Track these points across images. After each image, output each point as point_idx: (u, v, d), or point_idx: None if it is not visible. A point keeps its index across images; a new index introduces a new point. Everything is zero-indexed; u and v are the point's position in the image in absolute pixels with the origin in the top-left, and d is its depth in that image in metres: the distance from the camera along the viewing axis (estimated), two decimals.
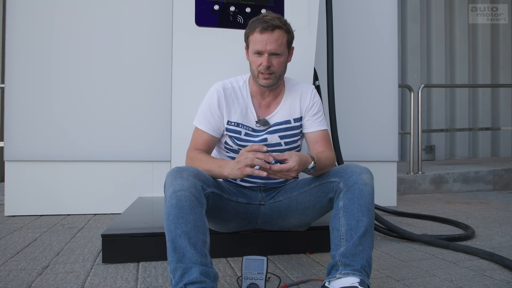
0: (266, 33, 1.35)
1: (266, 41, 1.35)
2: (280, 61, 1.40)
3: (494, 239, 1.96)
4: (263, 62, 1.37)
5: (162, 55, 2.46)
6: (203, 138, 1.46)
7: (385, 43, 2.85)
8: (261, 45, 1.36)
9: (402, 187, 3.43)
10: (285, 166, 1.21)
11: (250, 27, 1.40)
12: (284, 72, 1.46)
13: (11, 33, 2.42)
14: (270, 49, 1.36)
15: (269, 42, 1.35)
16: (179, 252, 1.08)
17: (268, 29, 1.34)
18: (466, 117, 5.56)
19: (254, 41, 1.38)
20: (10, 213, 2.45)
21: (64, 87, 2.46)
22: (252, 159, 1.20)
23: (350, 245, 1.17)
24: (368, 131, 2.83)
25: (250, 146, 1.25)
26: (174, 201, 1.13)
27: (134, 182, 2.53)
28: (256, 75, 1.41)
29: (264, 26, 1.34)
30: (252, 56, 1.41)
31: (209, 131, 1.46)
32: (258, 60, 1.38)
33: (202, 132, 1.46)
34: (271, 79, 1.40)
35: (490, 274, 1.45)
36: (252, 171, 1.21)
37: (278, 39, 1.36)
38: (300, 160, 1.24)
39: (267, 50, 1.36)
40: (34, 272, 1.46)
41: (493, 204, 2.97)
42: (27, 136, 2.43)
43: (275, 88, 1.48)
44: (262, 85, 1.42)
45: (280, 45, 1.37)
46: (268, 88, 1.45)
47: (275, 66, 1.39)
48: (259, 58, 1.38)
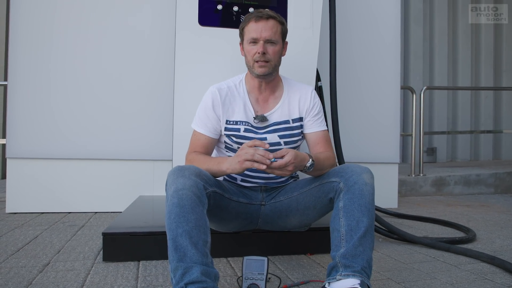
0: (261, 21, 1.39)
1: (261, 28, 1.39)
2: (276, 49, 1.42)
3: (495, 242, 1.96)
4: (258, 49, 1.39)
5: (164, 54, 2.46)
6: (201, 140, 1.47)
7: (387, 44, 2.85)
8: (256, 32, 1.39)
9: (403, 189, 3.42)
10: (282, 161, 1.22)
11: (244, 20, 1.45)
12: (279, 64, 1.48)
13: (14, 32, 2.42)
14: (265, 36, 1.39)
15: (264, 30, 1.39)
16: (180, 251, 1.08)
17: (263, 17, 1.39)
18: (468, 119, 5.55)
19: (249, 30, 1.42)
20: (11, 210, 2.45)
21: (66, 85, 2.46)
22: (252, 154, 1.21)
23: (350, 246, 1.17)
24: (370, 132, 2.83)
25: (253, 141, 1.26)
26: (175, 200, 1.13)
27: (135, 180, 2.53)
28: (252, 65, 1.43)
29: (259, 15, 1.40)
30: (247, 46, 1.43)
31: (206, 133, 1.47)
32: (253, 49, 1.41)
33: (199, 134, 1.47)
34: (266, 67, 1.41)
35: (491, 277, 1.44)
36: (252, 164, 1.22)
37: (273, 27, 1.40)
38: (296, 155, 1.25)
39: (262, 37, 1.39)
40: (34, 270, 1.46)
41: (495, 207, 2.96)
42: (29, 134, 2.43)
43: (271, 80, 1.48)
44: (258, 75, 1.43)
45: (275, 33, 1.41)
46: (264, 78, 1.45)
47: (271, 54, 1.41)
48: (255, 47, 1.41)
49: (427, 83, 5.28)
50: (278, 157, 1.24)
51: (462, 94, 5.53)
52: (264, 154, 1.21)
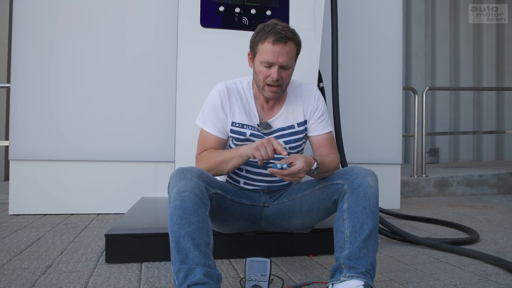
0: (278, 45, 1.30)
1: (278, 53, 1.30)
2: (288, 73, 1.37)
3: (498, 243, 1.95)
4: (272, 74, 1.33)
5: (166, 56, 2.46)
6: (211, 141, 1.44)
7: (389, 44, 2.85)
8: (272, 56, 1.31)
9: (405, 190, 3.41)
10: (295, 168, 1.21)
11: (260, 36, 1.33)
12: (289, 83, 1.44)
13: (17, 35, 2.43)
14: (282, 62, 1.32)
15: (281, 55, 1.31)
16: (182, 253, 1.07)
17: (282, 41, 1.30)
18: (470, 120, 5.54)
19: (264, 51, 1.32)
20: (14, 212, 2.46)
21: (69, 87, 2.47)
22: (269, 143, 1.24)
23: (354, 248, 1.17)
24: (372, 133, 2.83)
25: (273, 140, 1.26)
26: (178, 202, 1.13)
27: (137, 182, 2.54)
28: (262, 87, 1.38)
29: (278, 38, 1.29)
30: (259, 66, 1.36)
31: (217, 134, 1.44)
32: (266, 72, 1.34)
33: (209, 135, 1.44)
34: (277, 92, 1.38)
35: (495, 278, 1.44)
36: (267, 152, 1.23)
37: (290, 51, 1.33)
38: (305, 161, 1.24)
39: (278, 62, 1.32)
40: (37, 271, 1.46)
41: (498, 208, 2.95)
42: (31, 136, 2.44)
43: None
44: (267, 97, 1.41)
45: (291, 58, 1.34)
46: (273, 99, 1.44)
47: (283, 79, 1.36)
48: (268, 70, 1.34)
49: (429, 83, 5.27)
50: (287, 163, 1.23)
51: (464, 94, 5.52)
52: (280, 148, 1.23)
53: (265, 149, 1.23)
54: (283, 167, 1.21)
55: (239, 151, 1.33)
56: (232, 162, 1.36)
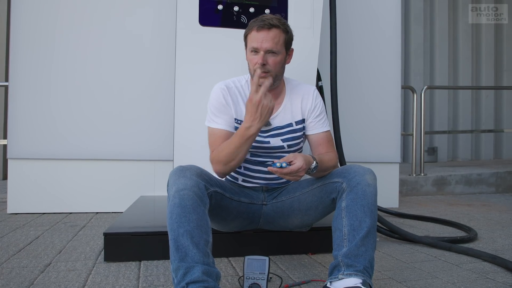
0: (262, 31, 1.35)
1: (262, 38, 1.35)
2: (276, 60, 1.38)
3: (496, 241, 1.95)
4: (258, 59, 1.36)
5: (165, 54, 2.46)
6: (222, 136, 1.41)
7: (388, 43, 2.85)
8: (257, 42, 1.36)
9: (404, 189, 3.42)
10: (294, 167, 1.21)
11: (248, 27, 1.41)
12: (282, 73, 1.45)
13: (15, 33, 2.42)
14: (266, 47, 1.35)
15: (265, 40, 1.35)
16: (181, 251, 1.08)
17: (265, 27, 1.35)
18: (469, 119, 5.54)
19: (251, 39, 1.38)
20: (12, 210, 2.45)
21: (67, 85, 2.47)
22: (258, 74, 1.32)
23: (352, 246, 1.17)
24: (371, 132, 2.83)
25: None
26: (177, 200, 1.13)
27: (136, 181, 2.53)
28: (253, 74, 1.40)
29: (261, 24, 1.35)
30: (249, 55, 1.41)
31: (226, 128, 1.42)
32: (254, 59, 1.38)
33: (219, 130, 1.42)
34: (266, 78, 1.38)
35: (492, 276, 1.44)
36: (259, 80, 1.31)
37: (275, 37, 1.36)
38: (305, 160, 1.24)
39: (262, 47, 1.35)
40: (36, 270, 1.46)
41: (496, 207, 2.96)
42: (30, 135, 2.44)
43: (274, 88, 1.46)
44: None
45: (277, 44, 1.37)
46: None
47: (271, 65, 1.37)
48: (255, 56, 1.38)
49: (428, 82, 5.27)
50: (287, 162, 1.23)
51: (463, 93, 5.52)
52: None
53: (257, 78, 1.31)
54: (282, 165, 1.21)
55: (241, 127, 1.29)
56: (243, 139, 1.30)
